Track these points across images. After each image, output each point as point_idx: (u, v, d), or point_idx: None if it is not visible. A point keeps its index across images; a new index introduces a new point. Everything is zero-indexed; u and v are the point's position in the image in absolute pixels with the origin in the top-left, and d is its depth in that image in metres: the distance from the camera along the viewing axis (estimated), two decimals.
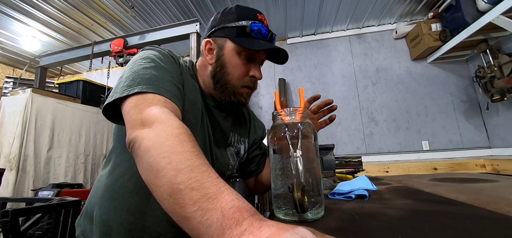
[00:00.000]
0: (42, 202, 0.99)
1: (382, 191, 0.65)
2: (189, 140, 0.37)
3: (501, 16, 1.86)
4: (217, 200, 0.28)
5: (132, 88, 0.45)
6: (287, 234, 0.23)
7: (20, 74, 3.25)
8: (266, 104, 3.08)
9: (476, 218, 0.37)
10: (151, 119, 0.40)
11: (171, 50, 0.61)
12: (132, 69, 0.50)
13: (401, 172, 2.56)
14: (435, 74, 2.74)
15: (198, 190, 0.29)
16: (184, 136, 0.37)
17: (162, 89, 0.47)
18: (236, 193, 0.30)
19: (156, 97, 0.45)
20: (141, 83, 0.46)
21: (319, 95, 0.77)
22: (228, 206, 0.27)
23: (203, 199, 0.28)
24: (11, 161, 1.67)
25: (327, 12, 2.71)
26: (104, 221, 0.55)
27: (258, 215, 0.28)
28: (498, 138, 2.41)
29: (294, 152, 0.44)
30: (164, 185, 0.32)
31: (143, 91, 0.45)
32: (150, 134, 0.38)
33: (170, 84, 0.50)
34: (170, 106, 0.46)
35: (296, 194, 0.39)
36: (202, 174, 0.31)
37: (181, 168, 0.32)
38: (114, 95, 0.46)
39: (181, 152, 0.34)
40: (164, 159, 0.34)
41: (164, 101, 0.46)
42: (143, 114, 0.42)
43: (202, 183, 0.30)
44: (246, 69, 0.62)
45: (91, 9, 2.49)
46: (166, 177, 0.32)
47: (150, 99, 0.44)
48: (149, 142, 0.37)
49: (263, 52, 0.63)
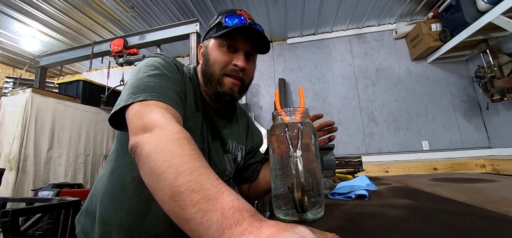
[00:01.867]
0: (42, 202, 0.99)
1: (382, 191, 0.65)
2: (189, 143, 0.38)
3: (501, 16, 1.85)
4: (217, 201, 0.28)
5: (136, 96, 0.47)
6: (287, 234, 0.23)
7: (20, 74, 3.25)
8: (266, 104, 3.08)
9: (476, 218, 0.37)
10: (152, 125, 0.42)
11: (175, 59, 0.63)
12: (137, 77, 0.52)
13: (401, 172, 2.56)
14: (435, 74, 2.74)
15: (198, 191, 0.30)
16: (184, 140, 0.38)
17: (164, 97, 0.49)
18: (236, 194, 0.30)
19: (158, 104, 0.47)
20: (145, 91, 0.48)
21: (322, 114, 0.76)
22: (228, 207, 0.28)
23: (203, 201, 0.29)
24: (11, 161, 1.67)
25: (327, 12, 2.71)
26: (105, 220, 0.57)
27: (258, 215, 0.28)
28: (498, 138, 2.41)
29: (294, 152, 0.44)
30: (165, 188, 0.33)
31: (147, 99, 0.47)
32: (151, 139, 0.39)
33: (172, 92, 0.52)
34: (171, 113, 0.47)
35: (296, 194, 0.39)
36: (202, 176, 0.32)
37: (181, 171, 0.32)
38: (120, 103, 0.48)
39: (181, 155, 0.35)
40: (165, 163, 0.34)
41: (166, 108, 0.47)
42: (145, 120, 0.43)
43: (202, 184, 0.31)
44: (228, 58, 0.62)
45: (91, 9, 2.48)
46: (167, 180, 0.33)
47: (152, 106, 0.46)
48: (150, 147, 0.38)
49: (245, 41, 0.62)
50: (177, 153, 0.35)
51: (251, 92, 3.15)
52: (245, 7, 2.49)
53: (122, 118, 0.49)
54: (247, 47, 0.63)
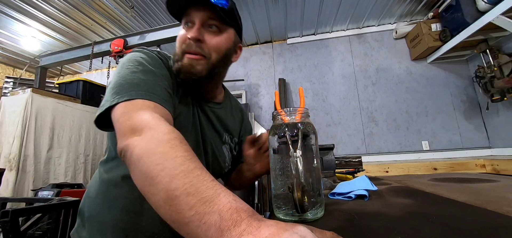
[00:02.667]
0: (42, 202, 0.99)
1: (382, 191, 0.65)
2: (181, 144, 0.37)
3: (501, 16, 1.86)
4: (214, 203, 0.28)
5: (121, 95, 0.45)
6: (286, 234, 0.23)
7: (20, 74, 3.25)
8: (266, 104, 3.08)
9: (476, 218, 0.37)
10: (140, 126, 0.40)
11: (159, 51, 0.60)
12: (120, 74, 0.49)
13: (401, 172, 2.56)
14: (435, 74, 2.74)
15: (194, 194, 0.29)
16: (175, 141, 0.37)
17: (151, 95, 0.46)
18: (233, 194, 0.30)
19: (145, 103, 0.44)
20: (130, 89, 0.46)
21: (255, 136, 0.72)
22: (225, 208, 0.27)
23: (200, 203, 0.28)
24: (11, 161, 1.67)
25: (327, 12, 2.71)
26: (100, 220, 0.56)
27: (257, 215, 0.28)
28: (498, 138, 2.42)
29: (294, 152, 0.44)
30: (160, 193, 0.32)
31: (132, 98, 0.44)
32: (141, 141, 0.37)
33: (159, 88, 0.49)
34: (160, 111, 0.45)
35: (296, 194, 0.39)
36: (197, 178, 0.31)
37: (175, 174, 0.32)
38: (105, 104, 0.45)
39: (174, 157, 0.34)
40: (158, 166, 0.33)
41: (153, 106, 0.45)
42: (132, 121, 0.41)
43: (197, 187, 0.30)
44: (184, 34, 0.58)
45: (91, 9, 2.49)
46: (161, 184, 0.32)
47: (139, 105, 0.44)
48: (141, 150, 0.36)
49: (196, 11, 0.57)
50: (170, 156, 0.34)
51: (251, 92, 3.15)
52: (245, 7, 2.49)
53: (108, 119, 0.46)
54: (201, 16, 0.56)
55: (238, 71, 3.25)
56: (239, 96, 3.15)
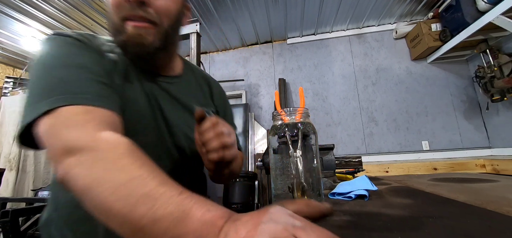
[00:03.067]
0: (42, 202, 0.99)
1: (382, 191, 0.65)
2: (131, 159, 0.31)
3: (501, 16, 1.86)
4: (186, 222, 0.25)
5: (40, 103, 0.36)
6: (261, 226, 0.22)
7: (20, 74, 3.25)
8: (266, 104, 3.08)
9: (476, 218, 0.37)
10: (74, 146, 0.32)
11: (81, 33, 0.48)
12: (37, 74, 0.40)
13: (401, 172, 2.56)
14: (435, 74, 2.74)
15: (162, 219, 0.26)
16: (124, 159, 0.31)
17: (77, 96, 0.37)
18: (205, 201, 0.27)
19: (71, 110, 0.36)
20: (51, 94, 0.36)
21: None
22: (200, 224, 0.25)
23: (172, 227, 0.25)
24: (11, 161, 1.67)
25: (327, 12, 2.71)
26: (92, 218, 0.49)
27: (234, 216, 0.26)
28: (498, 138, 2.42)
29: (294, 152, 0.44)
30: (122, 226, 0.27)
31: (57, 106, 0.35)
32: (82, 168, 0.31)
33: (88, 82, 0.40)
34: (93, 115, 0.37)
35: (296, 194, 0.39)
36: (161, 197, 0.27)
37: (134, 202, 0.27)
38: (25, 119, 0.36)
39: (127, 181, 0.29)
40: (111, 196, 0.28)
41: (84, 112, 0.36)
42: (62, 140, 0.33)
43: (164, 208, 0.26)
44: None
45: (91, 9, 2.49)
46: (121, 216, 0.27)
47: (66, 116, 0.35)
48: (85, 180, 0.30)
49: None
50: (121, 180, 0.29)
51: (251, 92, 3.15)
52: (245, 7, 2.49)
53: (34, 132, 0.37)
54: None
55: (238, 71, 3.25)
56: (239, 96, 3.15)
